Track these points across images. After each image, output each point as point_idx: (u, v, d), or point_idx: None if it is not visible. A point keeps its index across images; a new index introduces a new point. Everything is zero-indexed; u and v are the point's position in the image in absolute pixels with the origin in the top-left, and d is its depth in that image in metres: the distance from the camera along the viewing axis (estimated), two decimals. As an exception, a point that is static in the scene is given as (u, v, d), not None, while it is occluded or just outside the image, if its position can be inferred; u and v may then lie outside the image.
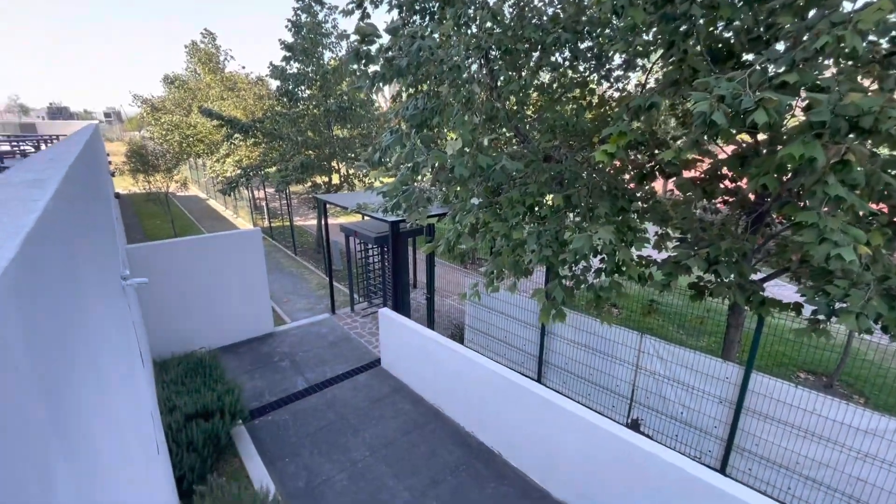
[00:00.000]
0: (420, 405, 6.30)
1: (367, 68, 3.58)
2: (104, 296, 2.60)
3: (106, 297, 2.66)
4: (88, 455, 1.14)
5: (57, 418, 0.90)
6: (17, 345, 0.68)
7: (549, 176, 4.81)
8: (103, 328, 2.04)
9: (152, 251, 7.03)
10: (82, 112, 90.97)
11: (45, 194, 1.01)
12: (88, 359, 1.31)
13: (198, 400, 5.10)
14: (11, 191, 1.02)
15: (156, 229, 17.54)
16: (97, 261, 2.67)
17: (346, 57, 3.54)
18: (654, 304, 4.62)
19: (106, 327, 2.29)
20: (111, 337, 2.45)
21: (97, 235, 2.74)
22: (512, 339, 6.80)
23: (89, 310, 1.59)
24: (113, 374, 1.92)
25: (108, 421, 1.47)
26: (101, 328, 1.87)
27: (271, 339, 8.41)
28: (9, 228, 0.77)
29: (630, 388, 5.42)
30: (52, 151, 2.34)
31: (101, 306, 2.28)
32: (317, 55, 11.87)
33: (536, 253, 4.41)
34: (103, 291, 2.65)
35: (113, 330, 2.61)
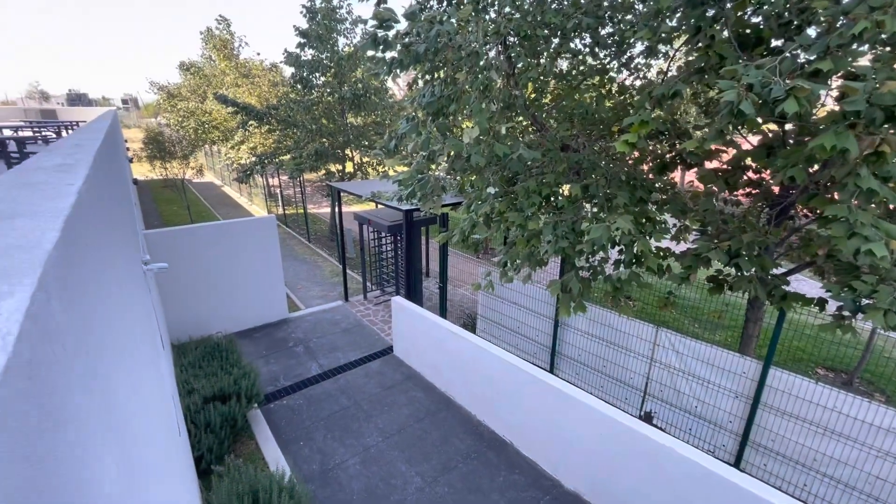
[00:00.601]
0: (432, 393, 6.35)
1: (385, 54, 3.53)
2: (129, 280, 2.65)
3: (130, 281, 2.71)
4: (127, 440, 1.17)
5: (102, 406, 0.91)
6: (67, 333, 0.68)
7: (566, 165, 4.74)
8: (130, 312, 2.07)
9: (170, 237, 7.13)
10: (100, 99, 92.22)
11: (77, 179, 1.01)
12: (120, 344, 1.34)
13: (215, 383, 5.20)
14: (44, 175, 1.02)
15: (172, 215, 17.81)
16: (121, 245, 2.71)
17: (362, 43, 3.50)
18: (671, 296, 4.54)
19: (132, 311, 2.33)
20: (137, 321, 2.50)
21: (120, 220, 2.78)
22: (524, 329, 6.79)
23: (118, 294, 1.62)
24: (139, 358, 1.96)
25: (138, 405, 1.51)
26: (129, 312, 1.90)
27: (286, 325, 8.52)
28: (49, 211, 0.77)
29: (644, 380, 5.38)
30: (76, 137, 2.37)
31: (127, 291, 2.32)
32: (331, 41, 11.80)
33: (552, 244, 4.37)
34: (128, 276, 2.70)
35: (138, 314, 2.66)
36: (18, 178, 0.96)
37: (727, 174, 4.18)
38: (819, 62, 2.79)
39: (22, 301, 0.50)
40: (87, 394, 0.78)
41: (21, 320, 0.47)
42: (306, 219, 14.35)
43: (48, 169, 1.12)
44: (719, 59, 3.60)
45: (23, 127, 13.38)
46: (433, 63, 3.67)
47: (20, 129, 12.92)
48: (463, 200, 7.26)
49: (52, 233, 0.69)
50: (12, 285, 0.53)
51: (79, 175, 1.08)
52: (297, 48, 12.26)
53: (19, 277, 0.55)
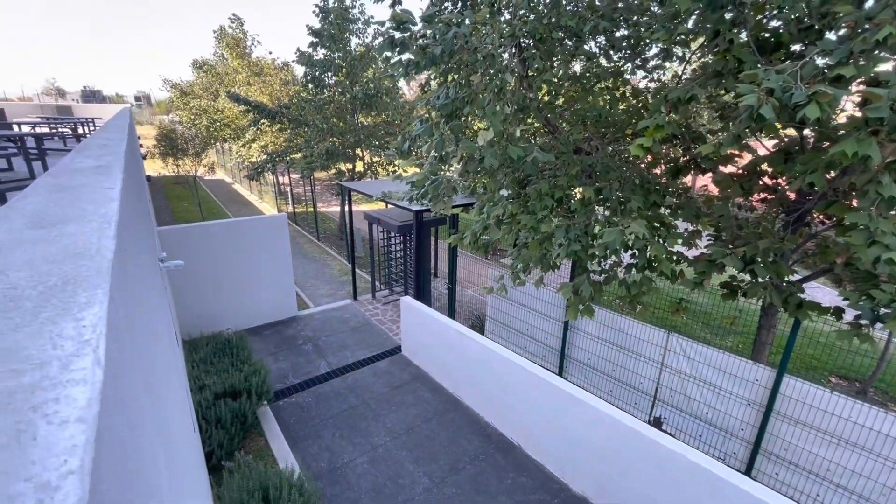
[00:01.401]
0: (440, 393, 6.36)
1: (401, 56, 3.54)
2: (151, 279, 2.69)
3: (152, 279, 2.75)
4: (167, 436, 1.19)
5: (154, 405, 0.93)
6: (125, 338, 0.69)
7: (579, 168, 4.72)
8: (153, 311, 2.10)
9: (182, 234, 7.21)
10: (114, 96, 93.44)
11: (115, 182, 1.03)
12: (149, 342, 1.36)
13: (226, 380, 5.25)
14: (82, 178, 1.04)
15: (183, 211, 18.00)
16: (145, 243, 2.75)
17: (379, 43, 3.51)
18: (683, 302, 4.52)
19: (155, 310, 2.37)
20: (159, 319, 2.54)
21: (141, 218, 2.83)
22: (533, 331, 6.77)
23: (144, 293, 1.64)
24: (162, 357, 1.99)
25: (165, 401, 1.53)
26: (152, 311, 1.93)
27: (295, 323, 8.58)
28: (99, 217, 0.78)
29: (654, 385, 5.34)
30: (102, 136, 2.40)
31: (149, 289, 2.36)
32: (344, 41, 11.85)
33: (565, 247, 4.35)
34: (150, 274, 2.74)
35: (159, 312, 2.70)
36: (58, 181, 0.97)
37: (743, 179, 4.14)
38: (841, 67, 2.75)
39: (102, 311, 0.51)
40: (148, 395, 0.79)
41: (105, 331, 0.48)
42: (316, 217, 14.43)
43: (84, 171, 1.14)
44: (737, 64, 3.56)
45: (40, 123, 13.59)
46: (448, 65, 3.67)
47: (37, 126, 13.13)
48: (473, 202, 7.29)
49: (109, 240, 0.70)
50: (89, 295, 0.53)
51: (115, 178, 1.09)
52: (309, 47, 12.34)
53: (92, 288, 0.55)
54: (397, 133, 12.34)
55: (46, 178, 1.03)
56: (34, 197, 0.87)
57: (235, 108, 18.28)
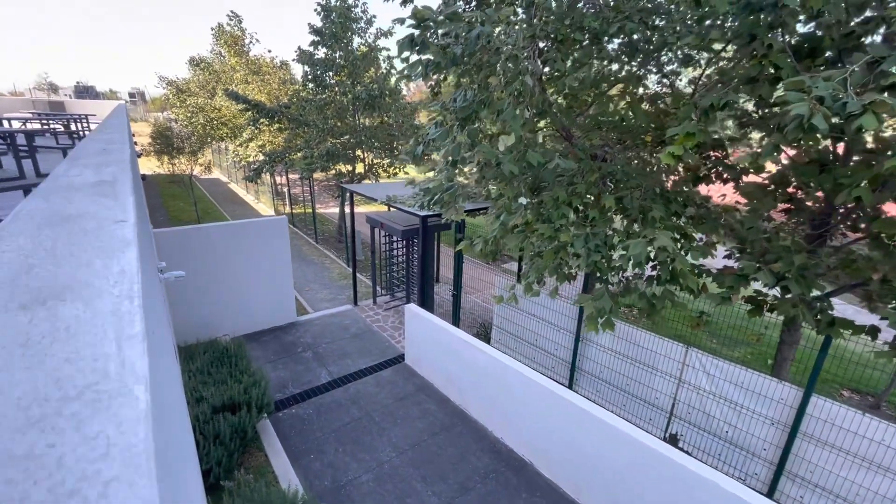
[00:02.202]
0: (446, 405, 6.14)
1: (420, 56, 3.34)
2: (151, 291, 2.46)
3: (152, 292, 2.52)
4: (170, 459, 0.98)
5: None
6: None
7: (598, 175, 4.53)
8: (155, 323, 1.89)
9: (179, 236, 6.95)
10: (108, 92, 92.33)
11: (128, 212, 0.82)
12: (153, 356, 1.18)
13: (224, 392, 5.00)
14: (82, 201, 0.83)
15: (179, 211, 17.66)
16: (146, 254, 2.52)
17: (398, 42, 3.30)
18: (703, 316, 4.36)
19: (156, 323, 2.14)
20: (159, 335, 2.31)
21: (141, 226, 2.60)
22: (542, 342, 6.57)
23: (147, 308, 1.45)
24: (165, 372, 1.78)
25: (168, 423, 1.33)
26: (153, 326, 1.72)
27: (294, 329, 8.33)
28: (111, 288, 0.58)
29: (670, 401, 5.16)
30: (100, 138, 2.18)
31: (150, 303, 2.13)
32: (346, 40, 11.63)
33: (584, 258, 4.16)
34: (151, 287, 2.51)
35: (159, 327, 2.46)
36: (51, 206, 0.74)
37: (772, 190, 3.97)
38: (897, 75, 2.58)
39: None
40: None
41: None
42: (314, 219, 14.17)
43: (85, 189, 0.93)
44: (774, 69, 3.39)
45: (31, 119, 13.22)
46: (469, 66, 3.48)
47: (28, 122, 12.77)
48: (482, 207, 7.09)
49: (134, 347, 0.44)
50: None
51: (126, 204, 0.88)
52: (310, 46, 12.10)
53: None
54: (399, 135, 12.12)
55: (36, 199, 0.80)
56: (17, 237, 0.65)
57: (233, 107, 17.98)
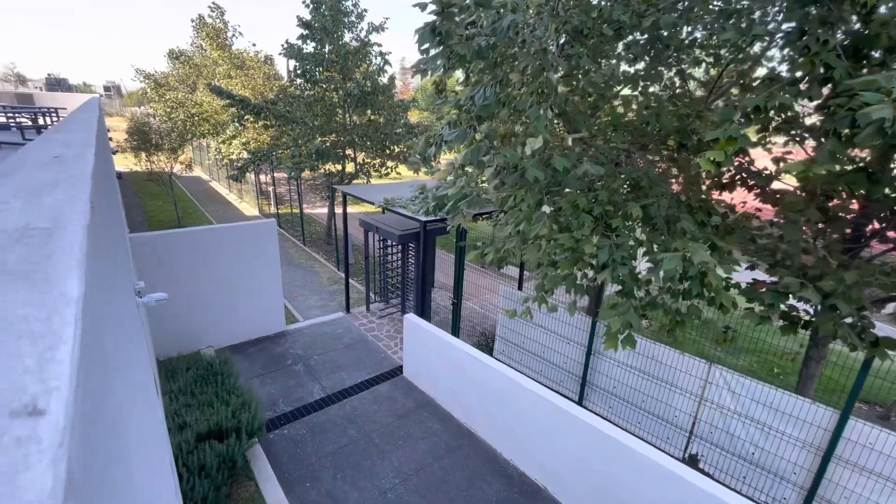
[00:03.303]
0: (450, 424, 5.76)
1: (441, 48, 2.95)
2: (125, 317, 2.02)
3: (126, 319, 2.08)
4: None
5: None
6: None
7: (622, 182, 4.22)
8: (126, 364, 1.47)
9: (158, 241, 6.41)
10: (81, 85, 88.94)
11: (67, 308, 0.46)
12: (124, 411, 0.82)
13: (210, 416, 4.53)
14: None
15: (157, 210, 16.86)
16: (117, 275, 2.08)
17: (418, 31, 2.92)
18: (729, 331, 4.16)
19: (129, 363, 1.72)
20: (134, 372, 1.88)
21: (112, 239, 2.15)
22: (550, 354, 6.25)
23: (113, 341, 1.07)
24: (139, 419, 1.38)
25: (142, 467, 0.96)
26: (125, 365, 1.31)
27: (283, 340, 7.84)
28: None
29: (690, 420, 4.89)
30: (55, 140, 1.74)
31: (122, 333, 1.71)
32: (338, 34, 11.13)
33: (611, 270, 3.84)
34: (124, 313, 2.07)
35: (134, 363, 2.03)
36: None
37: (815, 201, 3.70)
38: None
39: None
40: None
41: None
42: (302, 220, 13.61)
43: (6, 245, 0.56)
44: (825, 69, 3.10)
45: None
46: (494, 59, 3.11)
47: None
48: (485, 212, 6.72)
49: None
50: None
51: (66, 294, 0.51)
52: (298, 40, 11.57)
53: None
54: (391, 134, 11.67)
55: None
56: None
57: (215, 102, 17.24)
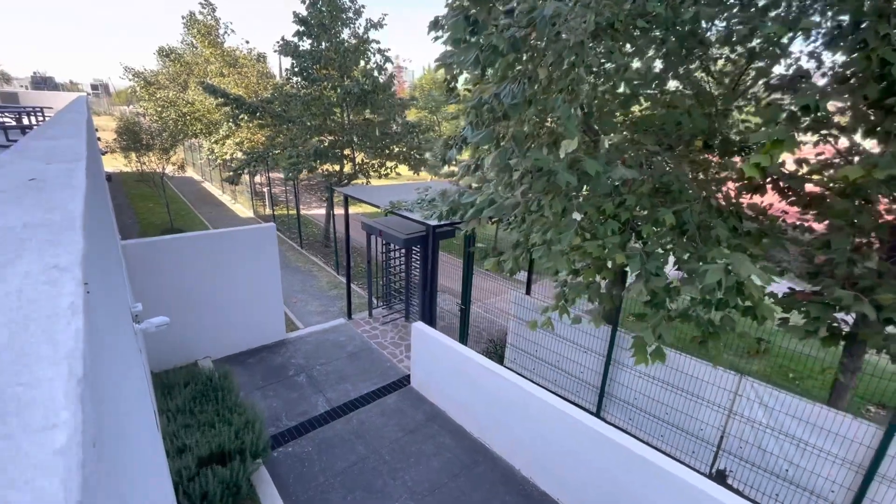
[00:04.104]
0: (463, 439, 5.50)
1: (473, 39, 2.68)
2: (122, 347, 1.74)
3: (119, 352, 1.79)
4: None
5: None
6: None
7: (651, 186, 3.97)
8: (122, 399, 1.20)
9: (153, 248, 6.07)
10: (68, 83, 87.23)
11: None
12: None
13: (212, 438, 4.23)
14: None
15: (148, 212, 16.41)
16: (111, 299, 1.80)
17: (448, 20, 2.65)
18: (762, 342, 3.98)
19: (125, 398, 1.44)
20: (132, 414, 1.60)
21: (105, 257, 1.86)
22: (565, 363, 6.01)
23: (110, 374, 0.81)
24: (132, 456, 1.11)
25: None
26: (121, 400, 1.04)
27: (283, 349, 7.53)
28: None
29: (718, 433, 4.67)
30: (43, 149, 1.44)
31: (117, 366, 1.43)
32: (336, 29, 10.80)
33: (645, 281, 3.60)
34: (121, 341, 1.78)
35: (132, 399, 1.75)
36: None
37: (862, 206, 3.48)
38: None
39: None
40: None
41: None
42: (299, 222, 13.26)
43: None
44: (882, 65, 2.88)
45: (-23, 111, 11.82)
46: (527, 54, 2.84)
47: (-26, 114, 11.40)
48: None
49: None
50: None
51: None
52: (294, 37, 11.22)
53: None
54: (392, 134, 11.36)
55: None
56: None
57: (207, 101, 16.80)
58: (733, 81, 4.84)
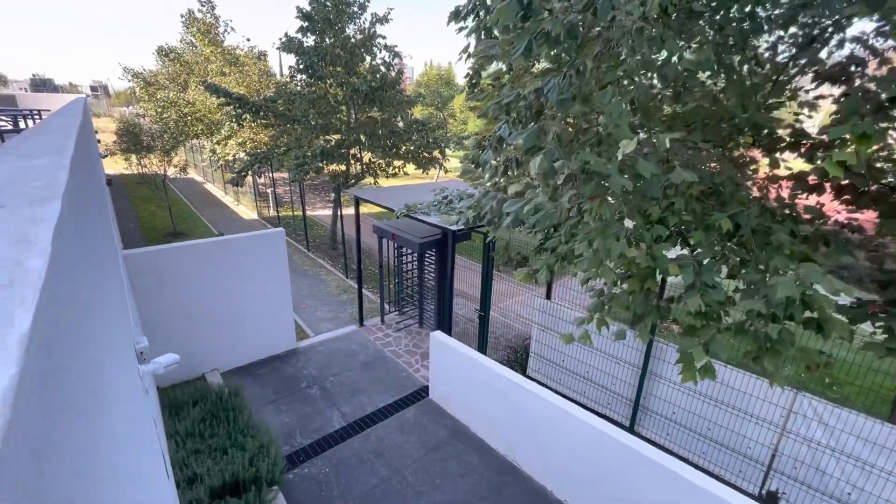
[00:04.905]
0: (489, 457, 5.18)
1: (527, 23, 2.34)
2: (120, 392, 1.41)
3: (123, 393, 1.47)
4: None
5: None
6: None
7: (702, 188, 3.62)
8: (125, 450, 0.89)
9: (155, 257, 5.75)
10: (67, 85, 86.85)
11: None
12: None
13: (225, 467, 3.91)
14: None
15: (150, 216, 16.11)
16: (109, 331, 1.47)
17: (497, 3, 2.30)
18: (825, 356, 3.66)
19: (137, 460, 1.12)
20: (138, 464, 1.28)
21: (105, 282, 1.53)
22: (595, 374, 5.68)
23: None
24: None
25: None
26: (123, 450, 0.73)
27: (294, 359, 7.22)
28: None
29: (769, 453, 4.34)
30: (13, 164, 1.12)
31: (122, 416, 1.11)
32: (341, 24, 10.43)
33: (697, 294, 3.26)
34: (125, 392, 1.46)
35: (137, 451, 1.43)
36: None
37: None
38: None
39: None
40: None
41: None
42: (305, 224, 12.93)
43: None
44: None
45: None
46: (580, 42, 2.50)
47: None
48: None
49: None
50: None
51: None
52: (297, 33, 10.86)
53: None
54: (400, 132, 10.99)
55: None
56: None
57: (208, 101, 16.46)
58: (778, 71, 4.48)
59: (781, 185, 4.17)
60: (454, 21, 4.61)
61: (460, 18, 4.55)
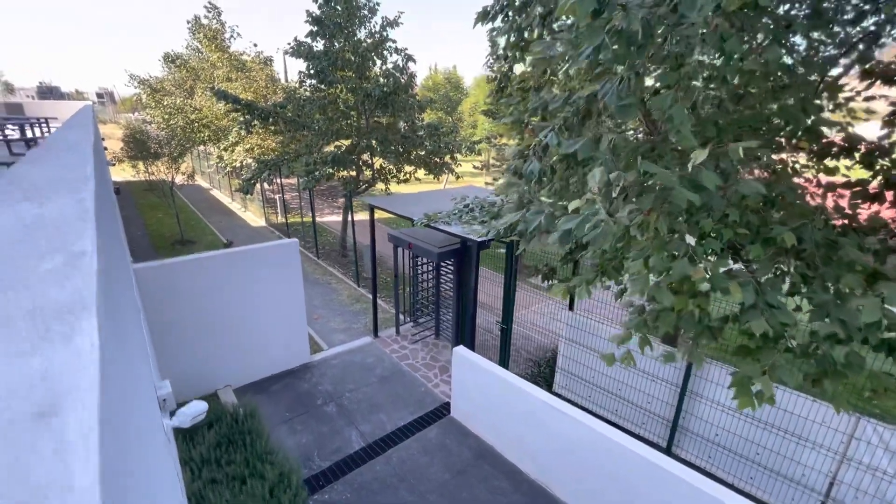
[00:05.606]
0: (519, 481, 4.90)
1: (596, 20, 2.09)
2: (149, 454, 1.17)
3: (150, 454, 1.22)
4: None
5: None
6: None
7: (755, 198, 3.34)
8: None
9: (166, 271, 5.52)
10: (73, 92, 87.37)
11: None
12: None
13: (245, 500, 3.65)
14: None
15: (157, 223, 15.95)
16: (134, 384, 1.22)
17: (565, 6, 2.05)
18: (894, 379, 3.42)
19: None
20: None
21: (126, 331, 1.29)
22: (627, 391, 5.39)
23: None
24: None
25: None
26: None
27: (308, 373, 6.97)
28: None
29: (826, 480, 4.03)
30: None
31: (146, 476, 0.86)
32: (351, 29, 10.23)
33: (760, 314, 2.98)
34: (145, 448, 1.21)
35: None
36: None
37: None
38: None
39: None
40: None
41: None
42: (314, 231, 12.71)
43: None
44: None
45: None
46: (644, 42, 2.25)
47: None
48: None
49: None
50: None
51: None
52: (307, 37, 10.66)
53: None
54: (414, 137, 10.75)
55: None
56: None
57: (215, 107, 16.31)
58: (824, 70, 4.20)
59: (839, 193, 3.89)
60: (481, 22, 4.36)
61: (488, 19, 4.30)
